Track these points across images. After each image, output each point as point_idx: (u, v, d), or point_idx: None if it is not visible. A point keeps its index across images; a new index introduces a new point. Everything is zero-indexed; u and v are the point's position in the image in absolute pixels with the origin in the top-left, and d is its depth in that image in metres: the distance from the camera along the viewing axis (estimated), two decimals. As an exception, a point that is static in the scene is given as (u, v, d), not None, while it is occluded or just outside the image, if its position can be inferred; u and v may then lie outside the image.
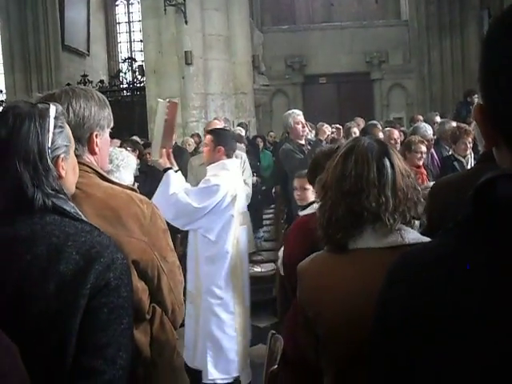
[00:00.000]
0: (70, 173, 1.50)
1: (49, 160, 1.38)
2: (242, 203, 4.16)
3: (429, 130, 5.79)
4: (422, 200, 1.70)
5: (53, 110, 1.43)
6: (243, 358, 4.05)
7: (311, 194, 3.38)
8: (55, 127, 1.42)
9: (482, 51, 0.80)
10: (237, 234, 3.97)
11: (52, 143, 1.40)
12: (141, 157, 6.42)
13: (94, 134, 1.76)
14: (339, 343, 1.59)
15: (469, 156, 5.10)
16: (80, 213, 1.44)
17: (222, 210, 3.81)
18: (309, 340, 1.70)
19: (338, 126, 6.21)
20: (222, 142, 3.98)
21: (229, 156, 4.00)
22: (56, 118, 1.43)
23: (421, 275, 0.79)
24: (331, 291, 1.61)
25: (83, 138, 1.74)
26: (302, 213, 3.26)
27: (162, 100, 3.42)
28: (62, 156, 1.44)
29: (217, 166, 3.92)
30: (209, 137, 4.04)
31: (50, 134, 1.40)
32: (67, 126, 1.50)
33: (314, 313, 1.64)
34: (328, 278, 1.64)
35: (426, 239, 1.57)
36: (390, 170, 1.61)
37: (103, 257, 1.31)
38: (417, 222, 3.25)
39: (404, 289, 0.81)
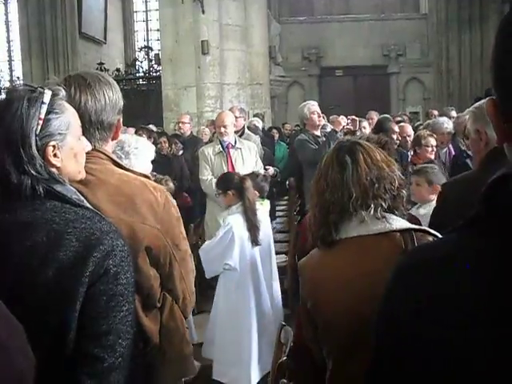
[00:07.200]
0: (68, 161, 1.41)
1: (33, 147, 1.32)
2: None
3: (445, 124, 5.68)
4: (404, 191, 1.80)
5: (47, 95, 1.36)
6: None
7: (426, 192, 3.38)
8: (49, 113, 1.35)
9: (495, 43, 0.77)
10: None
11: (41, 130, 1.34)
12: (155, 145, 6.42)
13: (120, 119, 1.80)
14: (336, 332, 1.68)
15: None
16: (82, 198, 1.42)
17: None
18: (310, 331, 1.80)
19: (354, 117, 6.13)
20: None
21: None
22: (51, 103, 1.36)
23: (429, 272, 0.78)
24: (325, 282, 1.73)
25: (113, 124, 1.75)
26: (413, 211, 3.16)
27: None
28: (52, 144, 1.36)
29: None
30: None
31: (39, 121, 1.33)
32: (69, 113, 1.42)
33: (312, 304, 1.75)
34: (322, 271, 1.76)
35: (414, 226, 1.68)
36: (351, 166, 1.72)
37: (103, 244, 1.30)
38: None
39: (412, 285, 0.80)
